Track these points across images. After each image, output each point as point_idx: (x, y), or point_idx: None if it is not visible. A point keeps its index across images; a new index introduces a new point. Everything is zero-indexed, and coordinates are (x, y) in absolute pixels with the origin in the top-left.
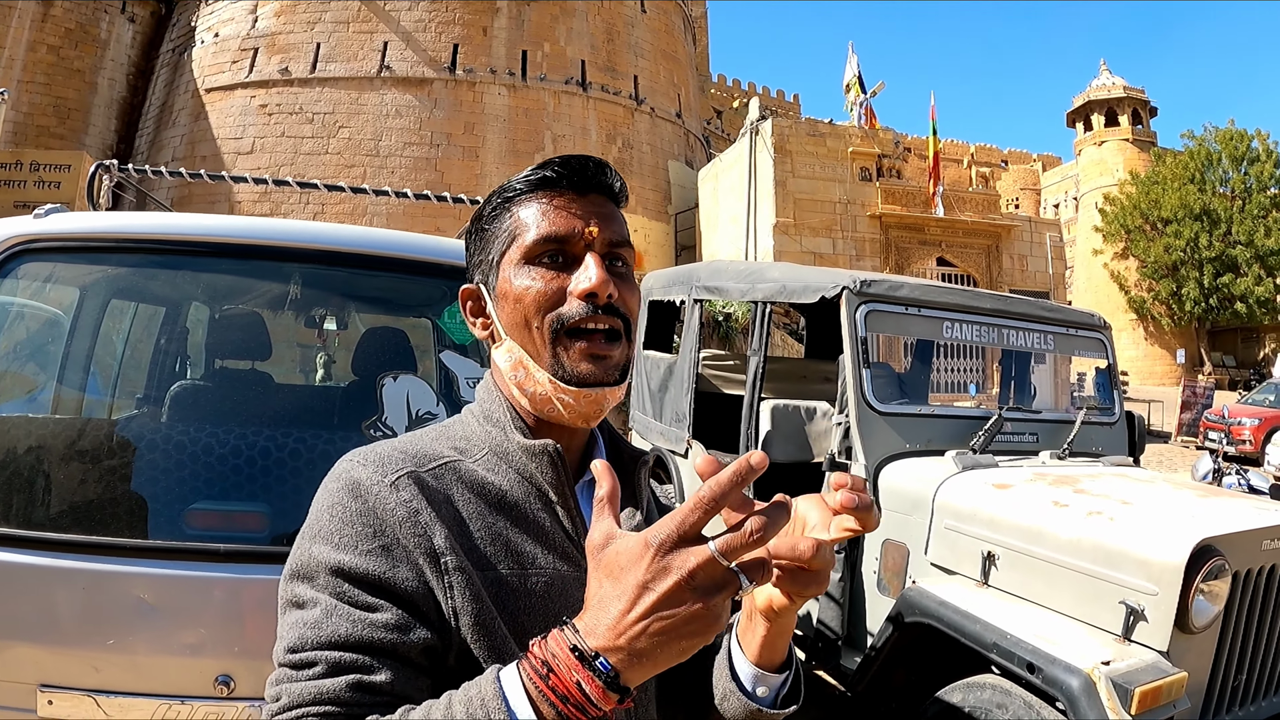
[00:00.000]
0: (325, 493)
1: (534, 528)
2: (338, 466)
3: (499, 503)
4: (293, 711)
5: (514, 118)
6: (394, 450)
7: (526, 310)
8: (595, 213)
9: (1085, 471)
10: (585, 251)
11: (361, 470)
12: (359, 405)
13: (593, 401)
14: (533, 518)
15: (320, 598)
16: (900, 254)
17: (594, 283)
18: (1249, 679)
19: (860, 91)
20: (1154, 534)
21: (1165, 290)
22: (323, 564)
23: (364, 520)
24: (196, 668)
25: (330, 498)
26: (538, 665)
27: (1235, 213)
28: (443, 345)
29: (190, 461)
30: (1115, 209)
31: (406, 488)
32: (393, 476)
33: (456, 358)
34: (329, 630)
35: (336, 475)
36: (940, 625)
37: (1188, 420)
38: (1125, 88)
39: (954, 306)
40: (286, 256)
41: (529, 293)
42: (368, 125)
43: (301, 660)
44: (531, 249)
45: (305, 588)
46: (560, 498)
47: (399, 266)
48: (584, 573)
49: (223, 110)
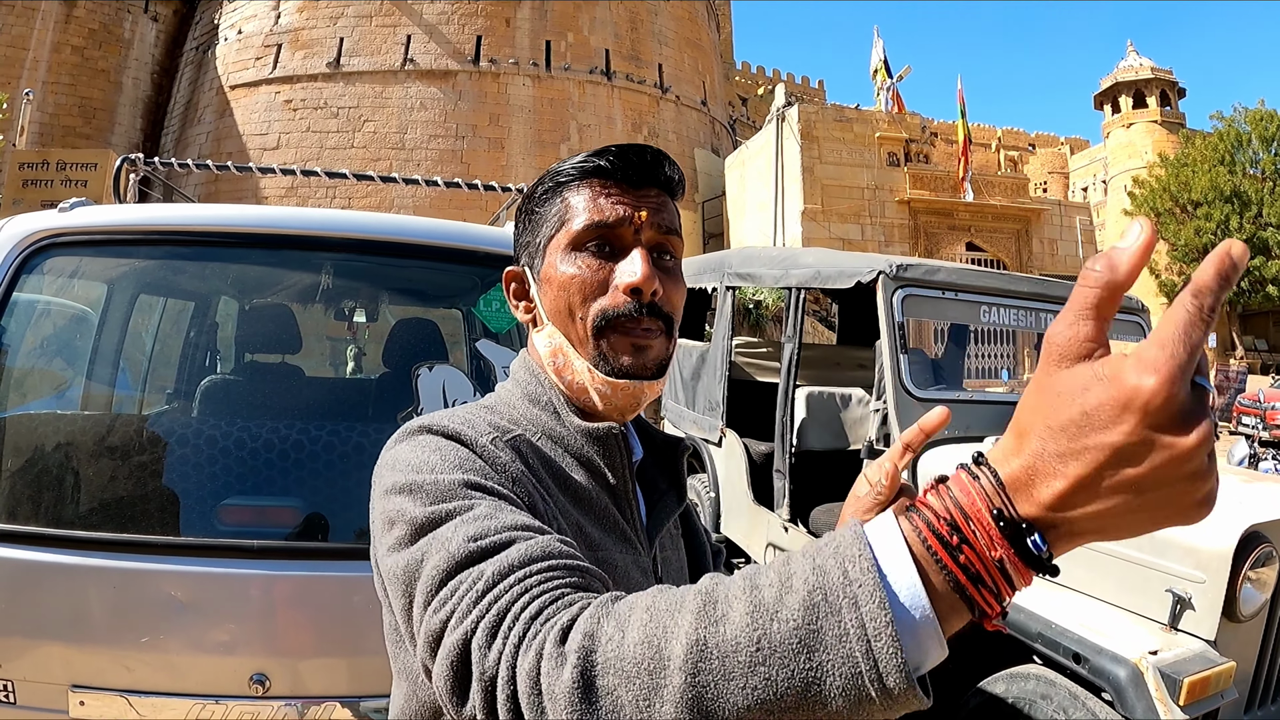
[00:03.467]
0: (415, 444)
1: (597, 511)
2: (413, 425)
3: (565, 483)
4: (514, 575)
5: (539, 108)
6: (467, 415)
7: (570, 298)
8: (647, 204)
9: None
10: (634, 242)
11: (452, 424)
12: (393, 396)
13: (630, 395)
14: (595, 501)
15: (474, 500)
16: (929, 239)
17: (638, 278)
18: None
19: (887, 76)
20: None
21: None
22: (456, 483)
23: (478, 462)
24: (230, 667)
25: (428, 445)
26: (939, 527)
27: (1266, 194)
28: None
29: (222, 456)
30: (1144, 192)
31: (505, 450)
32: (488, 438)
33: (493, 346)
34: (509, 518)
35: (421, 429)
36: None
37: (1221, 405)
38: (1153, 69)
39: (991, 290)
40: (317, 246)
41: (573, 281)
42: (393, 119)
43: (494, 542)
44: (579, 236)
45: (445, 504)
46: (620, 481)
47: (431, 254)
48: (642, 557)
49: (247, 107)
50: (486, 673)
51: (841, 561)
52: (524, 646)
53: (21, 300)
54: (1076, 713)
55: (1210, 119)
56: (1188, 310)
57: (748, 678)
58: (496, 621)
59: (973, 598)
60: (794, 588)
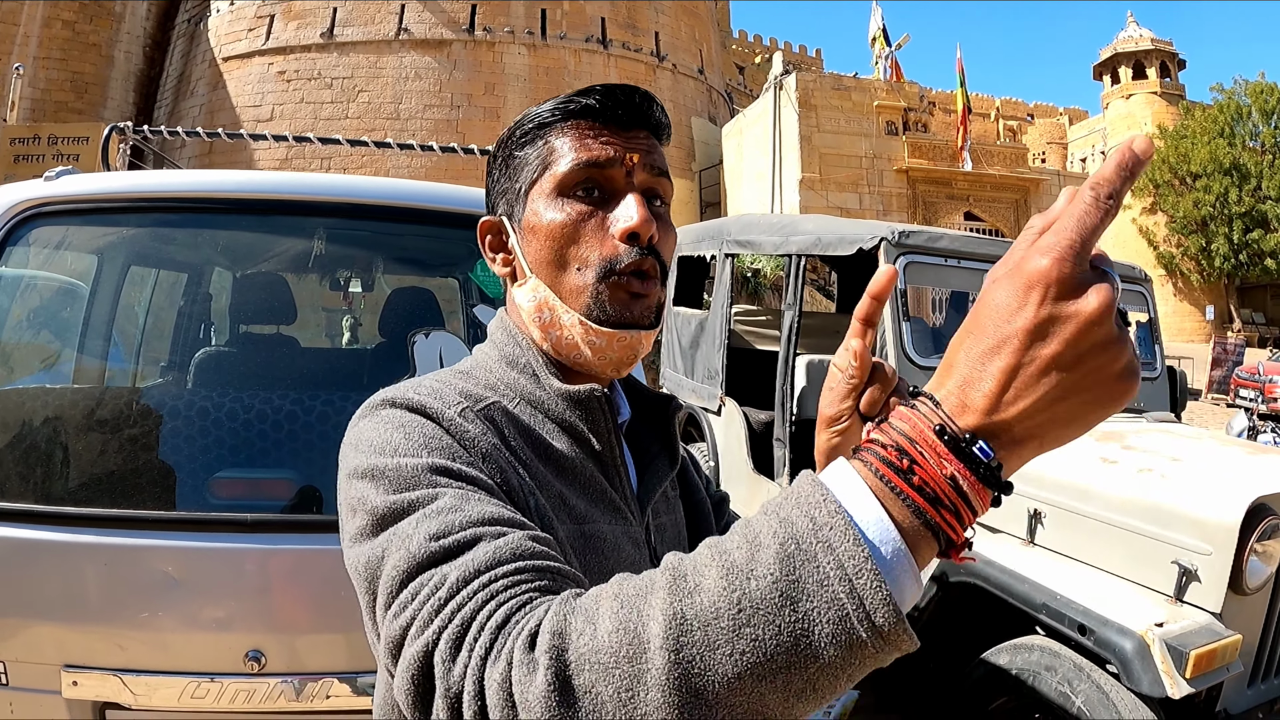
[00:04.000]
0: (379, 420)
1: (581, 481)
2: (377, 398)
3: (545, 452)
4: (477, 580)
5: (534, 77)
6: (435, 385)
7: (559, 247)
8: (637, 146)
9: (1130, 428)
10: (626, 186)
11: (417, 396)
12: (389, 365)
13: (627, 346)
14: (579, 470)
15: (438, 490)
16: (928, 208)
17: (635, 222)
18: None
19: (885, 45)
20: (1207, 492)
21: (1194, 246)
22: (422, 466)
23: (445, 438)
24: (225, 643)
25: (391, 421)
26: (888, 454)
27: (1266, 167)
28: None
29: (215, 428)
30: None
31: (474, 421)
32: (458, 408)
33: (490, 312)
34: (475, 511)
35: (385, 402)
36: (987, 585)
37: (1218, 377)
38: (1153, 40)
39: (993, 258)
40: (311, 211)
41: (562, 228)
42: (387, 89)
43: (457, 541)
44: (566, 179)
45: (407, 493)
46: (606, 448)
47: (428, 218)
48: (634, 527)
49: (240, 79)
50: (452, 688)
51: (807, 510)
52: (492, 657)
53: (7, 273)
54: (1081, 684)
55: (1210, 91)
56: (1084, 200)
57: (734, 643)
58: (460, 632)
59: (935, 522)
60: (764, 544)
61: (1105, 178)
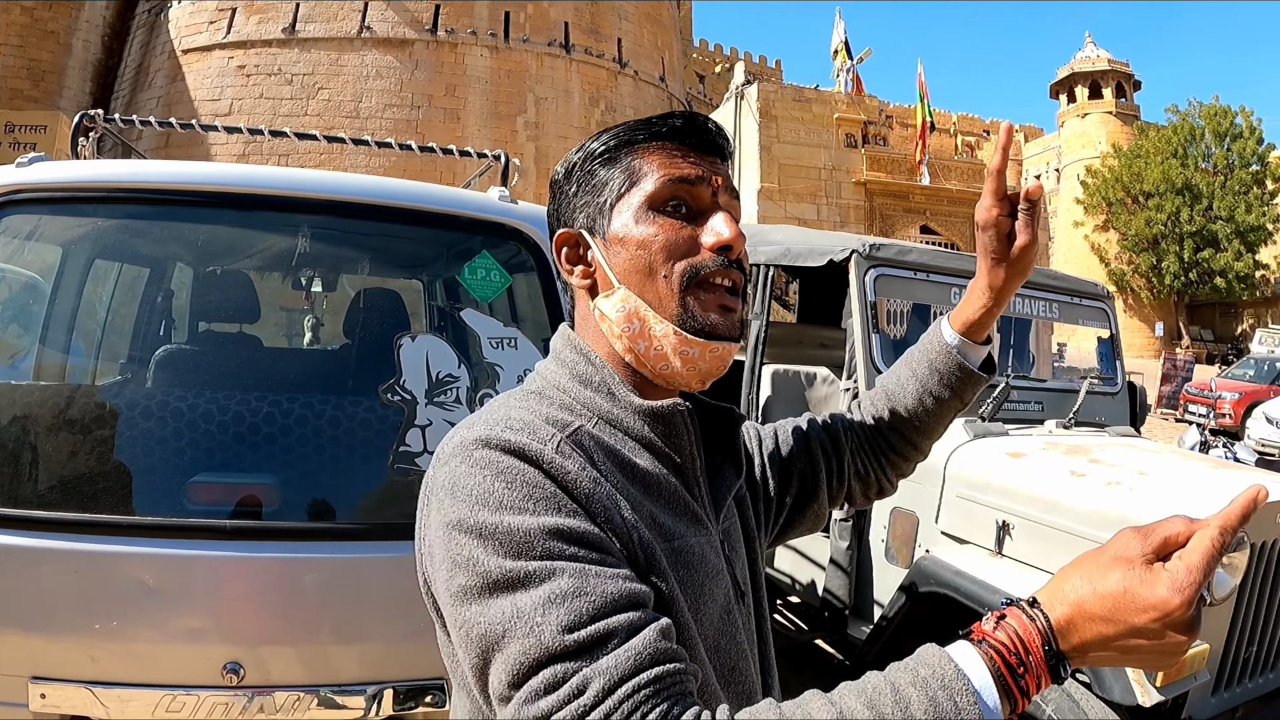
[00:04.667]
0: (476, 463)
1: (666, 496)
2: (469, 436)
3: (632, 472)
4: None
5: (496, 79)
6: (522, 416)
7: (652, 256)
8: (718, 169)
9: (1095, 441)
10: (713, 205)
11: (513, 435)
12: (370, 366)
13: (718, 357)
14: (663, 485)
15: (557, 565)
16: (884, 221)
17: (729, 235)
18: (1259, 651)
19: (847, 58)
20: (1174, 505)
21: (1145, 263)
22: (534, 530)
23: (548, 485)
24: (202, 655)
25: (490, 466)
26: (1009, 656)
27: (1217, 188)
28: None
29: (189, 430)
30: (1097, 181)
31: (572, 456)
32: (555, 444)
33: (478, 316)
34: (599, 592)
35: (479, 442)
36: (956, 595)
37: (1168, 393)
38: (1110, 60)
39: (960, 272)
40: (292, 207)
41: (656, 239)
42: (347, 87)
43: (591, 636)
44: (659, 193)
45: (523, 562)
46: (689, 461)
47: (405, 218)
48: (713, 536)
49: (200, 72)
50: None
51: (951, 695)
52: None
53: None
54: (1052, 693)
55: (1165, 112)
56: (1213, 544)
57: None
58: None
59: (1018, 702)
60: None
61: (1232, 525)
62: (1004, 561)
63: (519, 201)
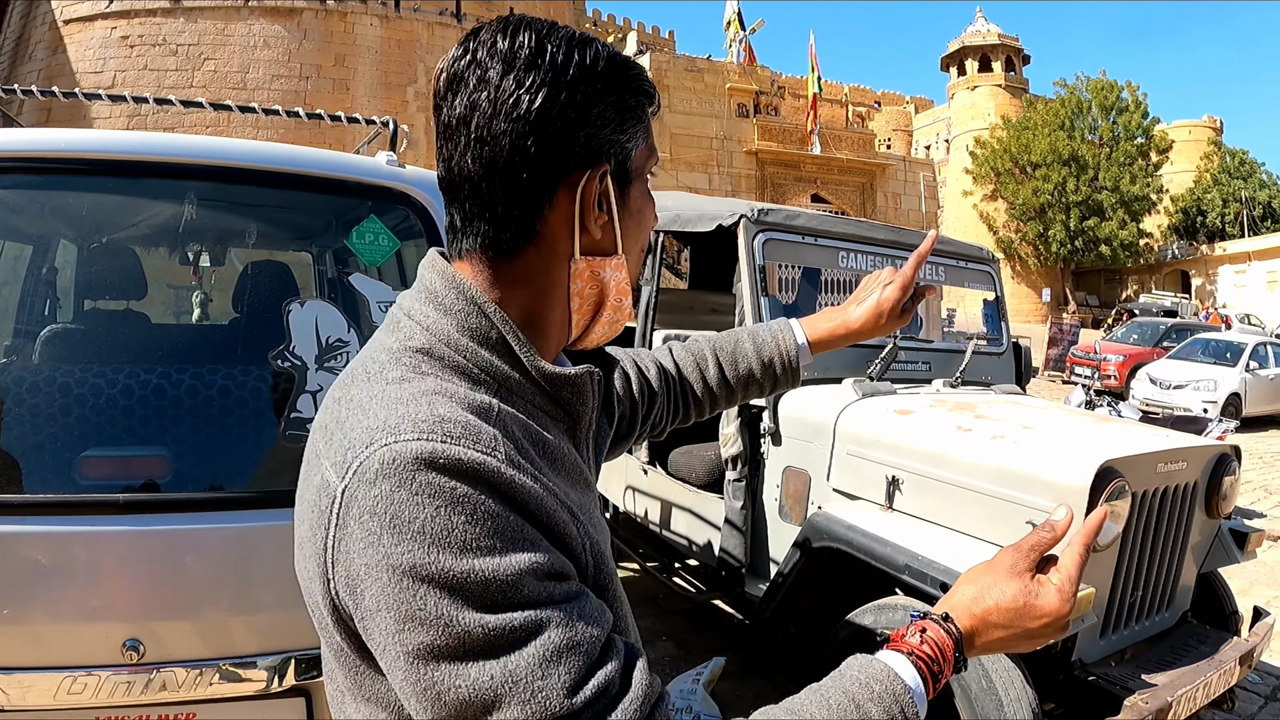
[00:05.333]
0: (422, 492)
1: (568, 469)
2: (403, 456)
3: (544, 449)
4: None
5: (386, 49)
6: (450, 407)
7: (645, 235)
8: None
9: (981, 399)
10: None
11: (459, 450)
12: (261, 337)
13: None
14: (565, 458)
15: (541, 615)
16: (776, 190)
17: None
18: (1143, 596)
19: (740, 29)
20: (1058, 456)
21: (1033, 232)
22: (509, 575)
23: (509, 515)
24: (101, 634)
25: (441, 495)
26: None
27: (1103, 159)
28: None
29: (78, 405)
30: (985, 152)
31: (522, 465)
32: (502, 452)
33: (367, 280)
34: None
35: (420, 462)
36: (849, 549)
37: (1054, 356)
38: (1000, 35)
39: (849, 236)
40: (177, 174)
41: (652, 220)
42: (234, 57)
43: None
44: (652, 167)
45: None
46: (589, 424)
47: (294, 183)
48: (595, 491)
49: (82, 43)
50: None
51: (901, 706)
52: None
53: None
54: None
55: (1054, 85)
56: (1080, 557)
57: None
58: None
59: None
60: None
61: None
62: (894, 515)
63: (407, 166)
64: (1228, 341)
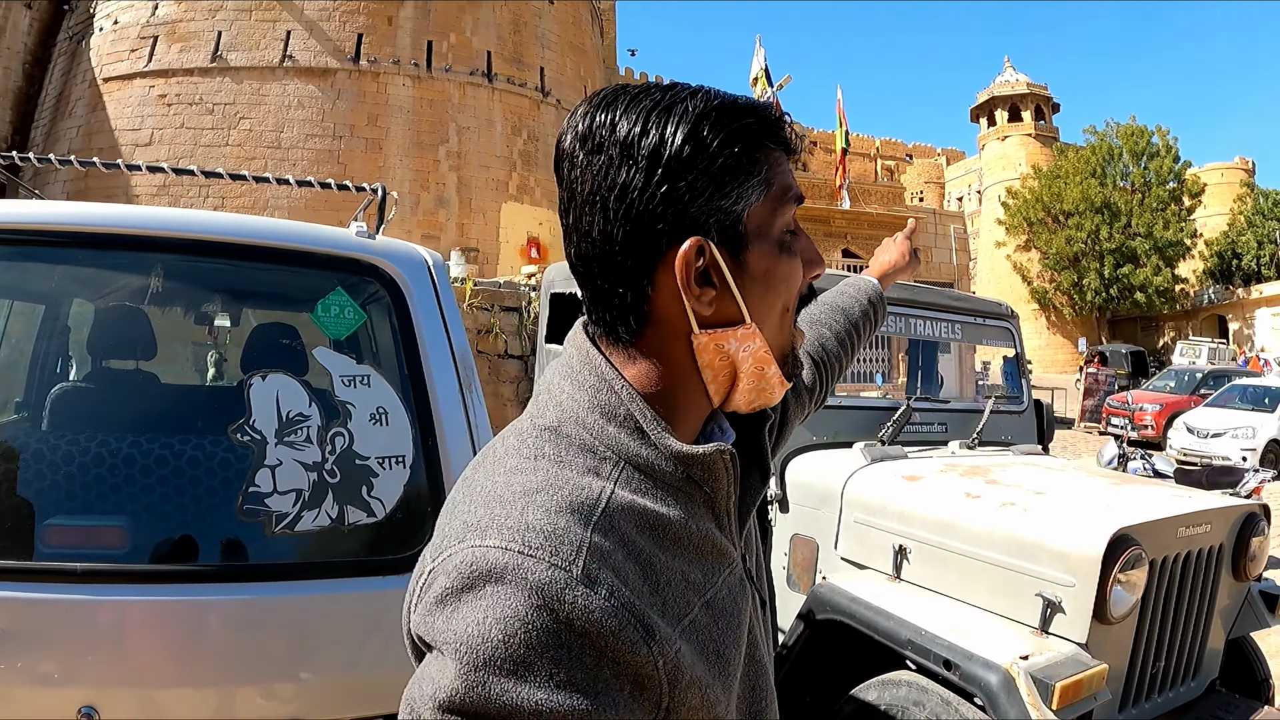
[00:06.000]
0: (484, 602)
1: (696, 543)
2: (485, 558)
3: (663, 534)
4: None
5: (418, 109)
6: (544, 510)
7: (790, 297)
8: None
9: (996, 461)
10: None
11: (535, 566)
12: (226, 407)
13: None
14: (694, 535)
15: None
16: None
17: (821, 267)
18: (1166, 665)
19: (767, 85)
20: (1069, 524)
21: (1067, 281)
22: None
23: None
24: (58, 699)
25: (497, 609)
26: None
27: (1135, 206)
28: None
29: (50, 472)
30: (1018, 202)
31: (602, 576)
32: (580, 565)
33: (331, 354)
34: None
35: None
36: (852, 622)
37: (1090, 406)
38: (1029, 84)
39: (910, 303)
40: (144, 246)
41: (794, 277)
42: (269, 116)
43: None
44: (789, 219)
45: None
46: (728, 500)
47: (263, 256)
48: (737, 561)
49: (120, 100)
50: None
51: None
52: None
53: None
54: (949, 719)
55: (1084, 133)
56: None
57: None
58: None
59: None
60: None
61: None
62: (901, 586)
63: (378, 236)
64: (1266, 387)
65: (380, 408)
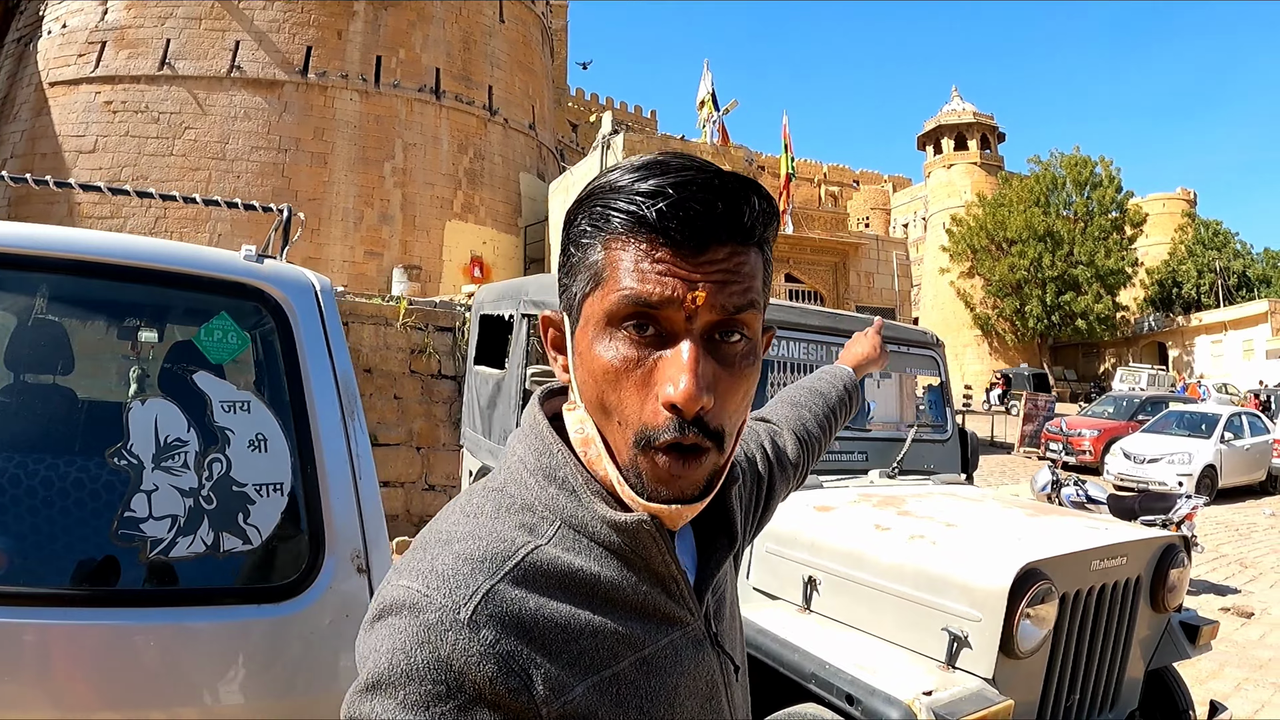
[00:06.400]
0: (384, 630)
1: (635, 605)
2: (387, 591)
3: (592, 591)
4: None
5: (365, 124)
6: (454, 557)
7: (604, 392)
8: (710, 276)
9: (912, 491)
10: (684, 332)
11: (428, 606)
12: (103, 428)
13: (668, 517)
14: (631, 594)
15: None
16: None
17: (677, 394)
18: (1081, 698)
19: (714, 109)
20: (977, 559)
21: (1009, 307)
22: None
23: (435, 674)
24: None
25: (390, 639)
26: None
27: (1078, 234)
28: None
29: None
30: (962, 229)
31: (488, 624)
32: (469, 608)
33: (211, 379)
34: None
35: (390, 606)
36: (759, 655)
37: (1030, 432)
38: (975, 113)
39: (784, 324)
40: (30, 266)
41: (606, 373)
42: (215, 127)
43: None
44: (615, 309)
45: None
46: (665, 567)
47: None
48: (692, 624)
49: (66, 106)
50: None
51: None
52: None
53: None
54: None
55: (1028, 162)
56: None
57: None
58: None
59: None
60: None
61: None
62: (811, 617)
63: (267, 260)
64: (1202, 413)
65: (260, 434)
